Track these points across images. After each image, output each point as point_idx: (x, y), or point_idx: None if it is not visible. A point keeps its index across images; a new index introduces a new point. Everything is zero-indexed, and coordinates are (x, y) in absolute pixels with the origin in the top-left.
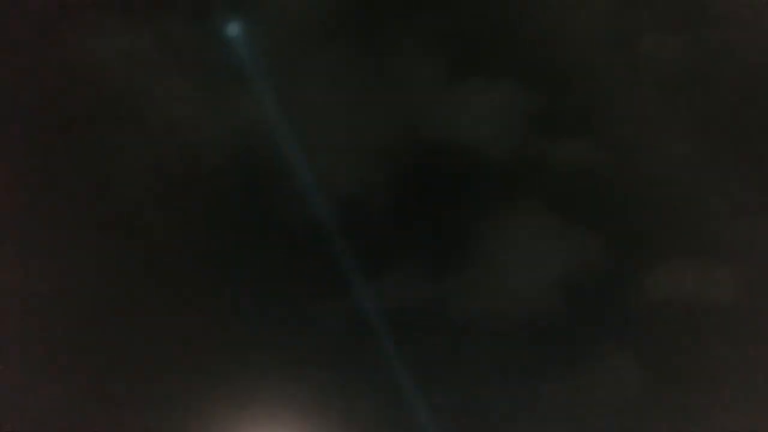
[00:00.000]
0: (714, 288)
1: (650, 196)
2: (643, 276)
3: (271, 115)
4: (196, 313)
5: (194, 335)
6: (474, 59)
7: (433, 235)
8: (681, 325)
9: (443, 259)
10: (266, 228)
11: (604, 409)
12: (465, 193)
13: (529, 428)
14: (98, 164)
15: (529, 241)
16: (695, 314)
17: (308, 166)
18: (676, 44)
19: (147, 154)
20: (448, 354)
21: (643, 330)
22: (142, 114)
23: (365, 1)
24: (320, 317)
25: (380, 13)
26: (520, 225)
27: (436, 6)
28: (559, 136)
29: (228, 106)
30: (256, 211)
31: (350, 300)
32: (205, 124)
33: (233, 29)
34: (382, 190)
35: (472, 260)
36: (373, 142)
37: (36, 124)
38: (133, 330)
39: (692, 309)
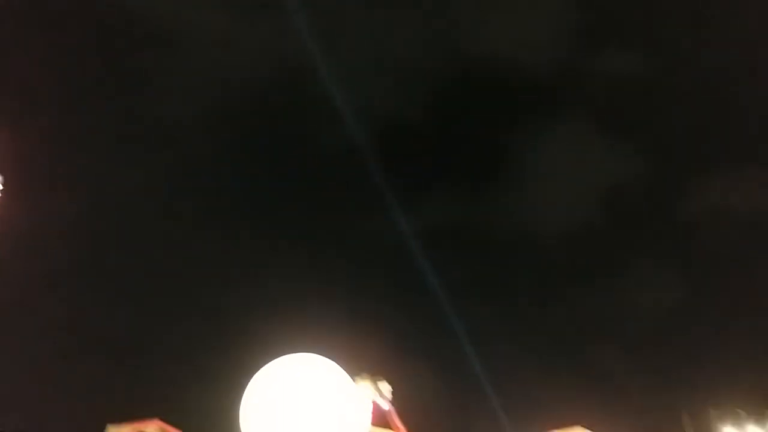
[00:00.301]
0: (759, 198)
1: (693, 108)
2: (686, 187)
3: (309, 39)
4: (235, 233)
5: (236, 251)
6: None
7: (476, 152)
8: (725, 234)
9: (486, 176)
10: (307, 151)
11: (645, 319)
12: (507, 110)
13: (569, 340)
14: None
15: (572, 156)
16: (739, 224)
17: (348, 88)
18: None
19: (189, 80)
20: (486, 268)
21: (686, 241)
22: (181, 41)
23: None
24: (361, 237)
25: None
26: (563, 139)
27: None
28: (603, 50)
29: (265, 32)
30: (295, 135)
31: (392, 219)
32: (243, 50)
33: None
34: (424, 109)
35: (514, 177)
36: (414, 62)
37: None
38: (175, 236)
39: (737, 219)
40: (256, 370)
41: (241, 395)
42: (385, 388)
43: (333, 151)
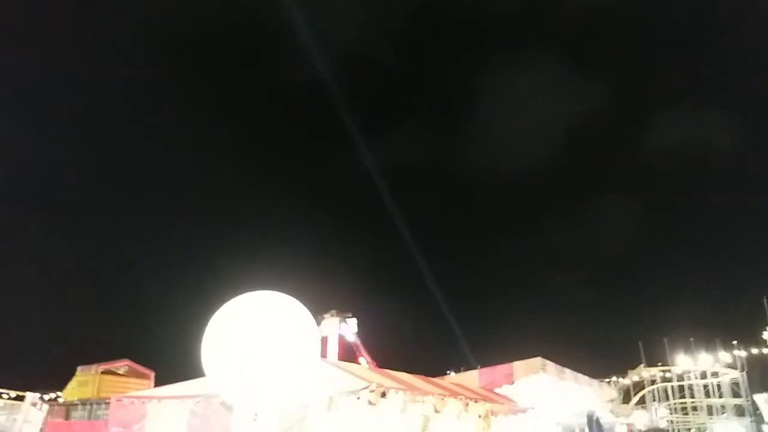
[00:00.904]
0: (718, 136)
1: (658, 41)
2: (645, 124)
3: None
4: (204, 174)
5: (204, 191)
6: None
7: (441, 89)
8: (684, 172)
9: (452, 113)
10: (271, 87)
11: (605, 252)
12: (472, 47)
13: (533, 274)
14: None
15: (537, 92)
16: (699, 162)
17: (311, 23)
18: None
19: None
20: (450, 204)
21: (643, 177)
22: None
23: None
24: (326, 176)
25: None
26: (528, 75)
27: None
28: None
29: None
30: (260, 69)
31: (357, 156)
32: None
33: None
34: (384, 44)
35: (480, 113)
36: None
37: None
38: (143, 175)
39: (696, 157)
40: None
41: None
42: (352, 323)
43: (296, 88)
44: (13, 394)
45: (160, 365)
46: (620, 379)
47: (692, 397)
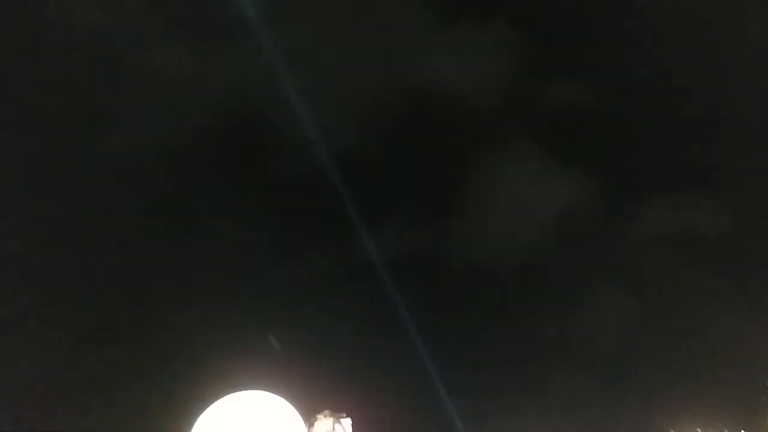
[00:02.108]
0: (702, 221)
1: (637, 134)
2: (633, 212)
3: (265, 71)
4: (199, 260)
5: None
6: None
7: (429, 181)
8: (672, 258)
9: (439, 205)
10: (265, 181)
11: (599, 341)
12: (459, 140)
13: (526, 363)
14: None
15: (522, 183)
16: (685, 247)
17: (302, 120)
18: None
19: (147, 110)
20: (444, 296)
21: (631, 262)
22: (140, 72)
23: None
24: (320, 265)
25: None
26: (513, 168)
27: None
28: (549, 79)
29: (223, 62)
30: (253, 164)
31: (349, 247)
32: (201, 80)
33: None
34: (376, 141)
35: (466, 205)
36: (364, 94)
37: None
38: (134, 268)
39: (683, 242)
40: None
41: None
42: (347, 423)
43: (291, 180)
44: None
45: None
46: None
47: None
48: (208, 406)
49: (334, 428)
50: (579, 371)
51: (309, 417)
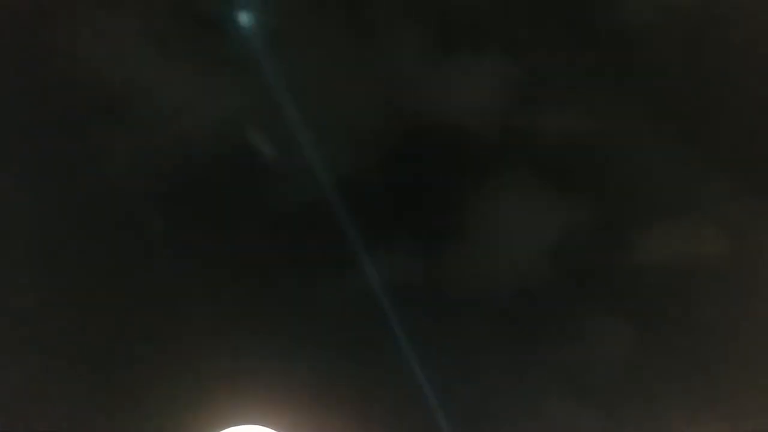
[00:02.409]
0: (703, 250)
1: (635, 164)
2: (632, 240)
3: (260, 100)
4: (197, 293)
5: (197, 315)
6: (455, 34)
7: (424, 212)
8: (672, 287)
9: (435, 236)
10: (261, 212)
11: (599, 373)
12: (453, 169)
13: (524, 394)
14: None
15: (519, 213)
16: (686, 276)
17: (298, 147)
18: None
19: (139, 143)
20: (443, 326)
21: (634, 294)
22: (131, 104)
23: None
24: (317, 293)
25: None
26: (510, 197)
27: None
28: (545, 108)
29: (216, 93)
30: (249, 195)
31: (345, 278)
32: (194, 111)
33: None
34: (370, 171)
35: (463, 235)
36: (358, 123)
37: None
38: (126, 304)
39: (683, 271)
40: None
41: None
42: None
43: (288, 209)
44: None
45: None
46: None
47: None
48: None
49: None
50: (575, 400)
51: None
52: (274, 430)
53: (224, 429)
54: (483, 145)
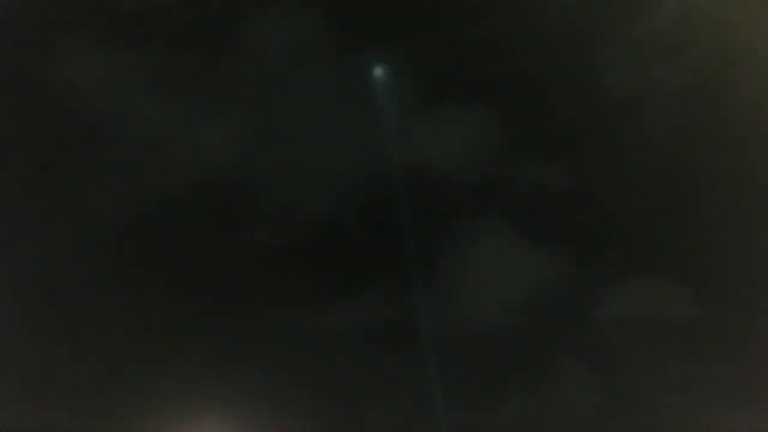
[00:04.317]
0: (669, 305)
1: (609, 217)
2: (601, 292)
3: (248, 140)
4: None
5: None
6: (444, 86)
7: (404, 253)
8: (637, 339)
9: (413, 277)
10: (243, 248)
11: (564, 419)
12: (433, 213)
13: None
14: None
15: (494, 259)
16: (651, 330)
17: (277, 189)
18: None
19: (126, 176)
20: (415, 365)
21: (600, 344)
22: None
23: (339, 28)
24: (296, 332)
25: (353, 40)
26: (487, 244)
27: (407, 33)
28: (525, 160)
29: (205, 130)
30: (232, 231)
31: (324, 316)
32: (181, 147)
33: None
34: (356, 211)
35: (439, 278)
36: (346, 166)
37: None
38: (126, 354)
39: (648, 325)
40: None
41: None
42: None
43: (262, 249)
44: None
45: None
46: None
47: None
48: None
49: None
50: None
51: None
52: None
53: None
54: (462, 191)
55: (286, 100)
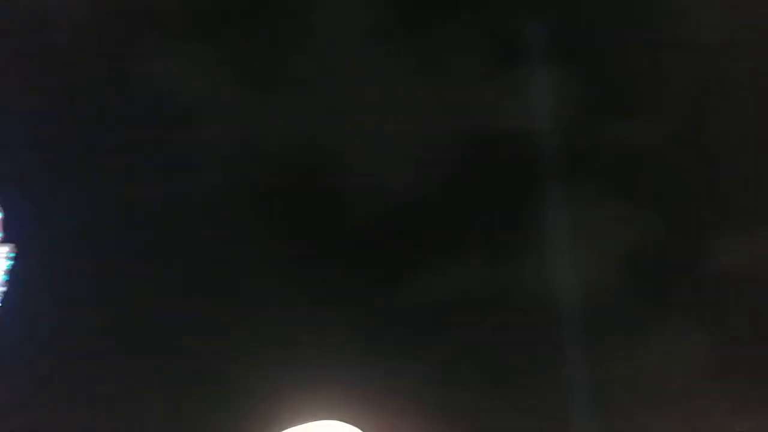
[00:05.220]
0: None
1: (703, 172)
2: (700, 249)
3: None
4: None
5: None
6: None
7: (493, 223)
8: (742, 295)
9: (504, 247)
10: (328, 224)
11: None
12: (520, 181)
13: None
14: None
15: (586, 222)
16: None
17: (362, 165)
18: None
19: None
20: (510, 337)
21: (705, 301)
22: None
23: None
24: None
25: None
26: (579, 206)
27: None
28: (610, 118)
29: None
30: (315, 209)
31: (408, 290)
32: (258, 129)
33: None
34: (438, 184)
35: (532, 246)
36: (425, 138)
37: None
38: (186, 308)
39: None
40: None
41: None
42: None
43: (345, 227)
44: None
45: None
46: None
47: None
48: None
49: None
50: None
51: None
52: (351, 425)
53: (303, 424)
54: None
55: (355, 80)
